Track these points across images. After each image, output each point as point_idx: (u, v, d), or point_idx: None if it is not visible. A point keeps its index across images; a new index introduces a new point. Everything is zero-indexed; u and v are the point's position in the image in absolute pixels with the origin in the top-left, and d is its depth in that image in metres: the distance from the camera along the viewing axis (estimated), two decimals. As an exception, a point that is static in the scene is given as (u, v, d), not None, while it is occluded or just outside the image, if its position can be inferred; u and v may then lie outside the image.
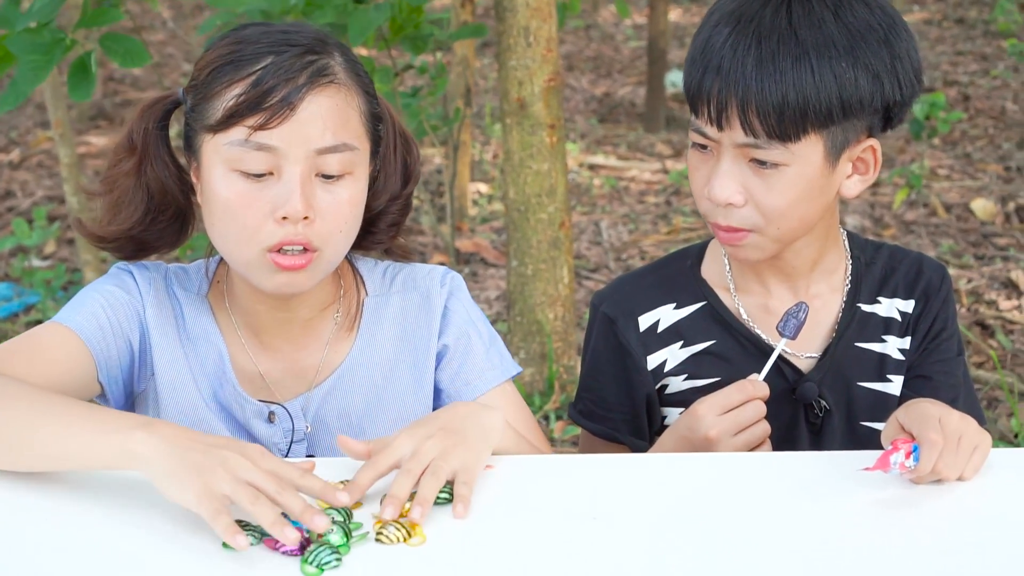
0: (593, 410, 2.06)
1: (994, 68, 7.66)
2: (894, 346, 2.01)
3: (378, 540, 1.50)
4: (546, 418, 3.78)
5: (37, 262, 5.07)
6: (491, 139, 6.48)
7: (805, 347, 1.98)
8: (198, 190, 1.83)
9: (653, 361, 2.02)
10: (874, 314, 2.01)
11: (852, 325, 2.00)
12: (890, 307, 2.02)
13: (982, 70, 7.68)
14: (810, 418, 1.98)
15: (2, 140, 6.78)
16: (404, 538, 1.50)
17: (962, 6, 9.47)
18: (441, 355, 1.95)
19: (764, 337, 1.99)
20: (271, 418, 1.89)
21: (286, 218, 1.72)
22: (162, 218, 1.88)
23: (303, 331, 1.92)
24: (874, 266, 2.04)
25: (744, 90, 1.78)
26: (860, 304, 2.01)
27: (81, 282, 4.52)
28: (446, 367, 1.95)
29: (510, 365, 1.97)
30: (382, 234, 1.94)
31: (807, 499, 1.62)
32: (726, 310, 2.01)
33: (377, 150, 1.86)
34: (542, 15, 3.41)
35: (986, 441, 1.66)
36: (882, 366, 2.01)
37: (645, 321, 2.02)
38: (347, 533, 1.49)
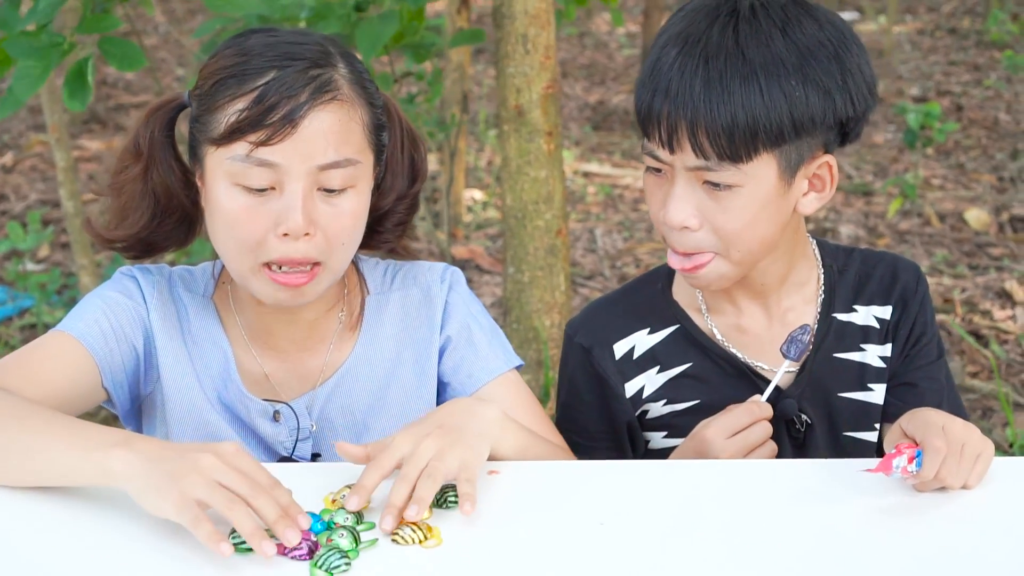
0: (576, 441, 2.02)
1: (987, 78, 7.69)
2: (874, 354, 2.00)
3: (394, 541, 1.51)
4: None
5: (31, 266, 5.06)
6: (485, 145, 6.48)
7: (782, 362, 1.95)
8: (203, 194, 1.83)
9: (631, 388, 2.00)
10: (851, 323, 2.00)
11: (829, 336, 1.98)
12: (867, 315, 2.00)
13: (975, 80, 7.71)
14: (792, 433, 1.97)
15: (-5, 143, 6.77)
16: (420, 540, 1.51)
17: (955, 16, 9.51)
18: (443, 348, 1.96)
19: (740, 356, 1.97)
20: (276, 417, 1.90)
21: (287, 234, 1.73)
22: (169, 221, 1.89)
23: (308, 332, 1.93)
24: (847, 273, 2.02)
25: (693, 112, 1.76)
26: (835, 314, 1.99)
27: (76, 286, 4.51)
28: (448, 359, 1.96)
29: (512, 356, 1.97)
30: (389, 233, 1.94)
31: (813, 506, 1.62)
32: (700, 332, 1.99)
33: (380, 158, 1.86)
34: (540, 22, 3.40)
35: (989, 449, 1.66)
36: (862, 375, 1.99)
37: (620, 348, 2.00)
38: (356, 538, 1.49)
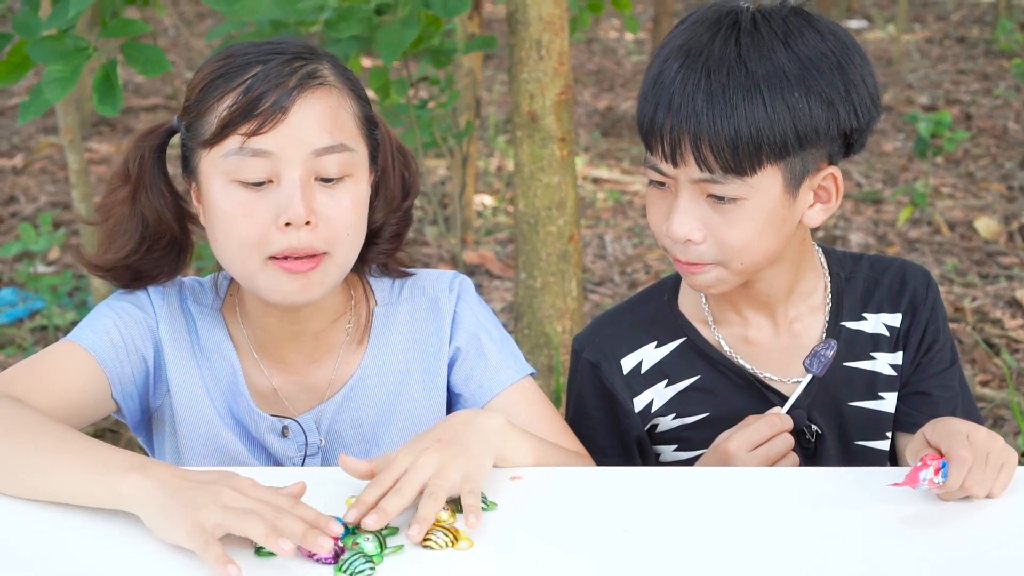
0: None
1: (996, 87, 7.69)
2: (885, 362, 1.99)
3: (426, 546, 1.51)
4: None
5: (42, 267, 5.06)
6: (495, 151, 6.48)
7: (791, 372, 1.96)
8: (200, 213, 1.82)
9: (640, 403, 1.99)
10: (860, 331, 1.99)
11: (838, 345, 1.96)
12: (876, 323, 1.99)
13: (984, 89, 7.71)
14: (803, 443, 1.96)
15: (5, 145, 6.78)
16: (451, 543, 1.51)
17: (964, 25, 9.51)
18: (453, 359, 1.95)
19: (748, 368, 1.97)
20: (284, 432, 1.89)
21: (289, 224, 1.71)
22: (157, 247, 1.86)
23: (315, 344, 1.91)
24: (855, 280, 2.01)
25: (696, 125, 1.75)
26: (844, 323, 1.98)
27: (87, 288, 4.51)
28: (459, 370, 1.94)
29: (524, 364, 1.96)
30: (384, 244, 1.92)
31: (835, 514, 1.62)
32: (707, 344, 1.99)
33: (375, 155, 1.85)
34: (554, 28, 3.41)
35: (1013, 458, 1.66)
36: (873, 384, 1.99)
37: (628, 363, 1.99)
38: (381, 543, 1.50)
